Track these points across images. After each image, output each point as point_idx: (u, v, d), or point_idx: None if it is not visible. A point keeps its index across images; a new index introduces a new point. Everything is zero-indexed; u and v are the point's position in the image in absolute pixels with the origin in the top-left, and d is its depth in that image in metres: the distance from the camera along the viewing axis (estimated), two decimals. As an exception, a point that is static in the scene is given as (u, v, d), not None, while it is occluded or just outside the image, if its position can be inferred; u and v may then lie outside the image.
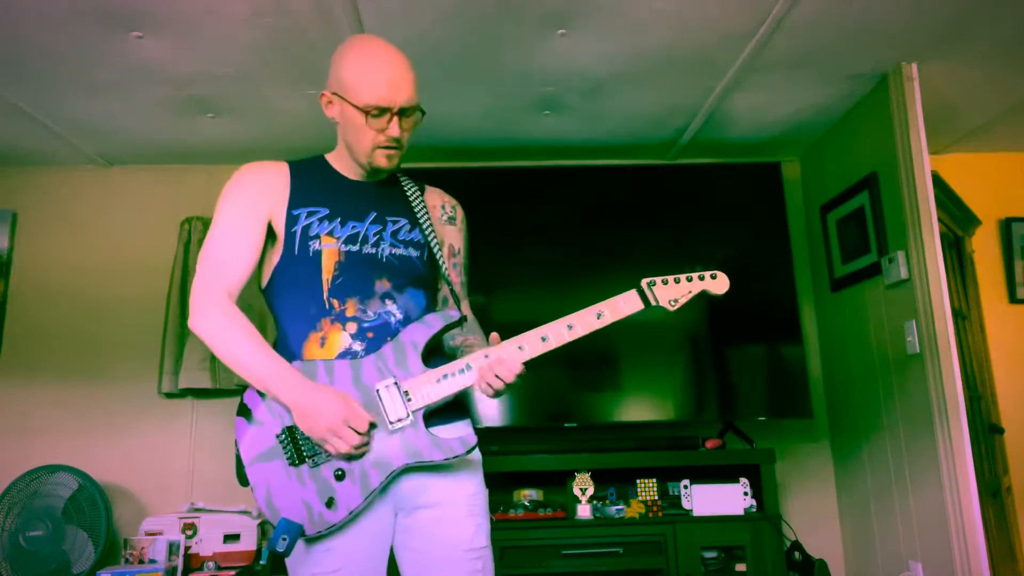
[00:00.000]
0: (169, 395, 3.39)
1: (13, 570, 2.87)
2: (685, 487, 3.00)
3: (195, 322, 1.50)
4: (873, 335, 3.08)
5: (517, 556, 2.88)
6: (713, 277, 1.63)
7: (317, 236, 1.56)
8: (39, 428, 3.37)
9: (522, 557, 2.88)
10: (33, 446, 3.31)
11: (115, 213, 3.58)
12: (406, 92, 1.54)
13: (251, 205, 1.57)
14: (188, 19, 2.39)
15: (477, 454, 1.60)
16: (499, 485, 3.08)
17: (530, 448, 3.17)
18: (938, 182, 2.99)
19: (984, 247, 3.65)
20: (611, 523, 2.94)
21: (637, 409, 3.27)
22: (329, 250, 1.56)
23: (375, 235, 1.61)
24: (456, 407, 1.63)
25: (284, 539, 1.39)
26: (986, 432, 3.25)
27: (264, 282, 1.63)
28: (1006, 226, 3.67)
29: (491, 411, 3.19)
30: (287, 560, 1.51)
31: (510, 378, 1.49)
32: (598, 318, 1.55)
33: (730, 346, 3.33)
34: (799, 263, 3.59)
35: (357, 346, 1.53)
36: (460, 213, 1.81)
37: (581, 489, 3.00)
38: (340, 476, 1.45)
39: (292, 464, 1.46)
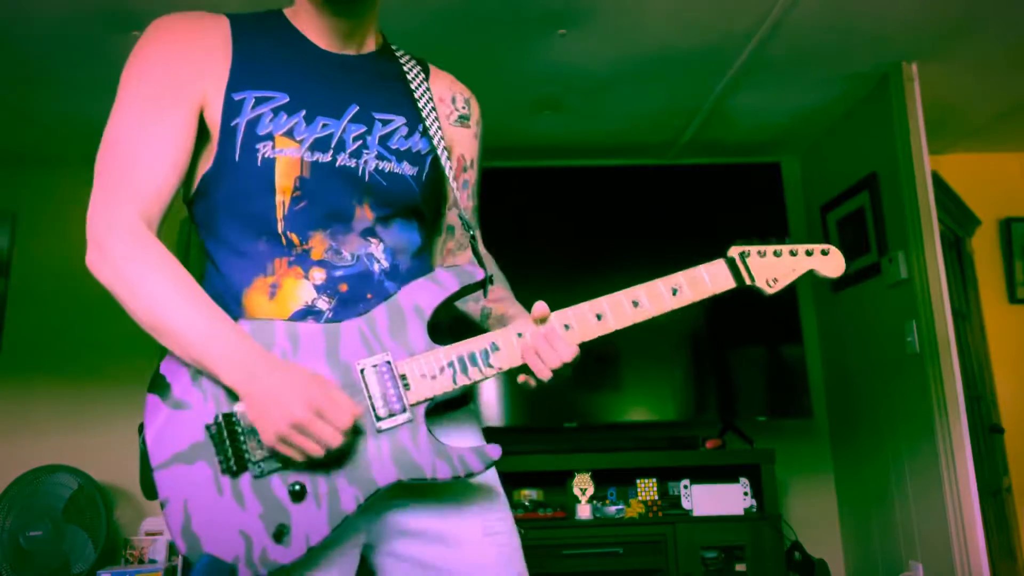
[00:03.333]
0: (169, 395, 3.39)
1: (13, 570, 2.87)
2: (685, 487, 3.00)
3: (92, 261, 1.01)
4: (873, 335, 3.08)
5: (517, 556, 2.88)
6: (824, 253, 1.22)
7: (270, 137, 1.05)
8: (39, 428, 3.37)
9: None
10: (33, 446, 3.31)
11: (115, 213, 3.58)
12: None
13: (174, 82, 1.05)
14: (188, 19, 2.39)
15: (493, 474, 1.16)
16: (499, 485, 3.08)
17: (530, 448, 3.16)
18: (938, 182, 2.99)
19: (984, 247, 3.65)
20: (611, 523, 2.94)
21: (637, 409, 3.27)
22: (287, 159, 1.05)
23: (356, 139, 1.10)
24: (463, 405, 1.19)
25: None
26: (986, 432, 3.25)
27: (189, 195, 1.12)
28: (1006, 226, 3.67)
29: (491, 411, 3.19)
30: None
31: (557, 363, 1.05)
32: (674, 294, 1.14)
33: (730, 346, 3.33)
34: (799, 263, 3.58)
35: (322, 303, 1.05)
36: (476, 109, 1.33)
37: (581, 489, 3.00)
38: (298, 494, 0.96)
39: (227, 471, 0.96)
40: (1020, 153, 3.74)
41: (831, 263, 1.23)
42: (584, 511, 2.97)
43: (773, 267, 1.20)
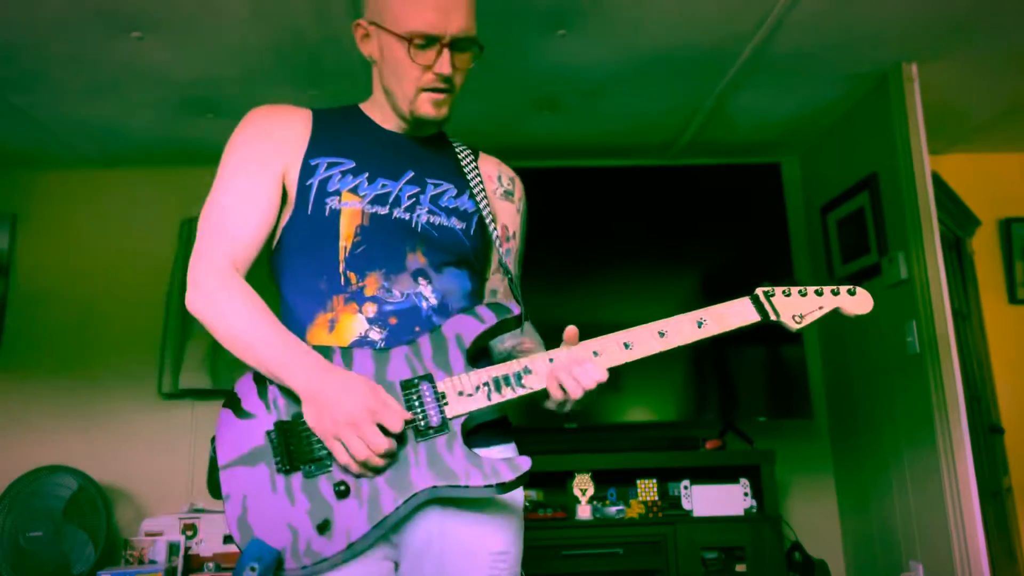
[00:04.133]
0: (169, 395, 3.39)
1: (13, 570, 2.87)
2: (685, 487, 3.00)
3: (190, 299, 1.19)
4: (873, 335, 3.08)
5: (517, 556, 2.88)
6: (851, 293, 1.29)
7: (337, 192, 1.24)
8: (39, 428, 3.37)
9: (522, 558, 2.88)
10: (33, 446, 3.31)
11: (115, 214, 3.58)
12: (460, 18, 1.24)
13: (263, 156, 1.26)
14: (188, 20, 2.39)
15: (518, 496, 1.26)
16: (499, 485, 3.08)
17: (530, 448, 3.14)
18: (938, 182, 2.99)
19: (984, 247, 3.65)
20: (611, 523, 2.94)
21: (637, 409, 3.27)
22: (350, 210, 1.23)
23: (410, 197, 1.28)
24: (500, 427, 1.32)
25: (253, 568, 1.04)
26: (986, 432, 3.25)
27: (272, 247, 1.31)
28: (1006, 226, 3.67)
29: (491, 411, 3.19)
30: None
31: (589, 384, 1.15)
32: (699, 327, 1.24)
33: (730, 347, 3.33)
34: (799, 264, 3.59)
35: (375, 334, 1.20)
36: (520, 189, 1.48)
37: (581, 489, 3.00)
38: (343, 492, 1.09)
39: (281, 470, 1.11)
40: (1020, 153, 3.74)
41: (858, 303, 1.29)
42: (584, 511, 2.97)
43: (798, 305, 1.27)
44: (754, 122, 3.32)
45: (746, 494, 2.98)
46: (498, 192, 1.43)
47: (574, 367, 1.16)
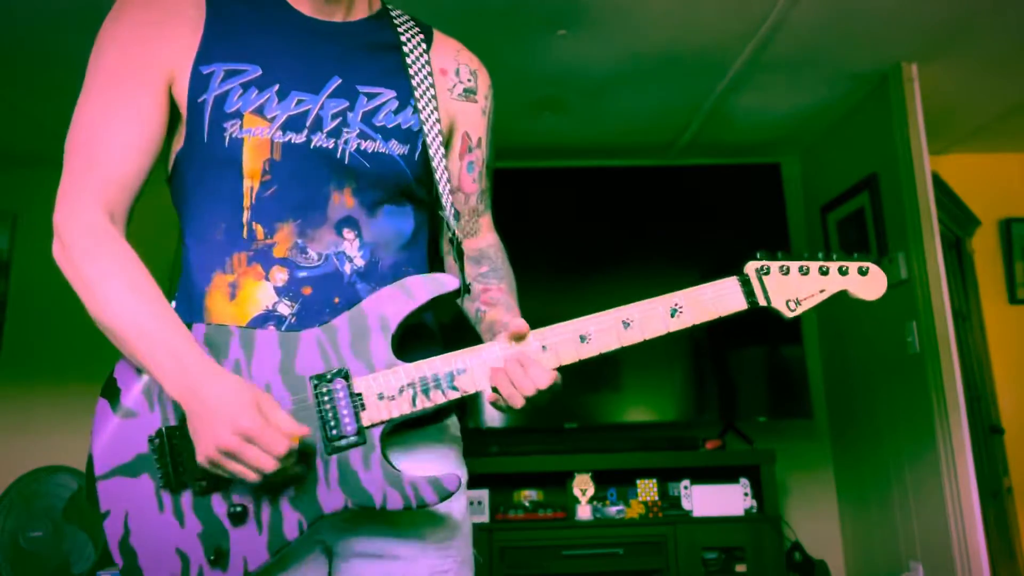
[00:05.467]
0: (169, 395, 3.39)
1: (13, 570, 2.87)
2: (685, 488, 2.99)
3: (54, 250, 0.96)
4: (873, 335, 3.08)
5: (517, 557, 2.88)
6: (863, 273, 1.03)
7: (238, 115, 0.96)
8: (39, 428, 3.36)
9: (522, 558, 2.88)
10: (33, 446, 3.30)
11: (115, 213, 3.58)
12: None
13: (138, 58, 0.97)
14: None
15: (460, 504, 1.05)
16: (499, 486, 3.08)
17: (530, 448, 3.16)
18: (938, 182, 2.99)
19: (984, 248, 3.65)
20: (611, 524, 2.93)
21: (637, 409, 3.27)
22: (256, 140, 0.97)
23: (335, 116, 1.00)
24: (440, 421, 1.08)
25: None
26: (986, 432, 3.25)
27: (167, 175, 1.06)
28: (1006, 227, 3.67)
29: (491, 410, 3.19)
30: None
31: (530, 390, 0.94)
32: (672, 315, 0.99)
33: (730, 346, 3.33)
34: (799, 263, 3.58)
35: (284, 307, 0.97)
36: (485, 83, 1.17)
37: (581, 490, 3.00)
38: (238, 516, 0.91)
39: (166, 487, 0.92)
40: (1020, 153, 3.74)
41: (869, 285, 1.03)
42: (584, 512, 2.97)
43: (797, 286, 1.03)
44: (754, 122, 3.32)
45: (746, 494, 2.98)
46: (456, 90, 1.12)
47: (513, 370, 0.95)
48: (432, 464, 1.03)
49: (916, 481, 2.81)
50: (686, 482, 3.00)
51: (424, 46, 1.11)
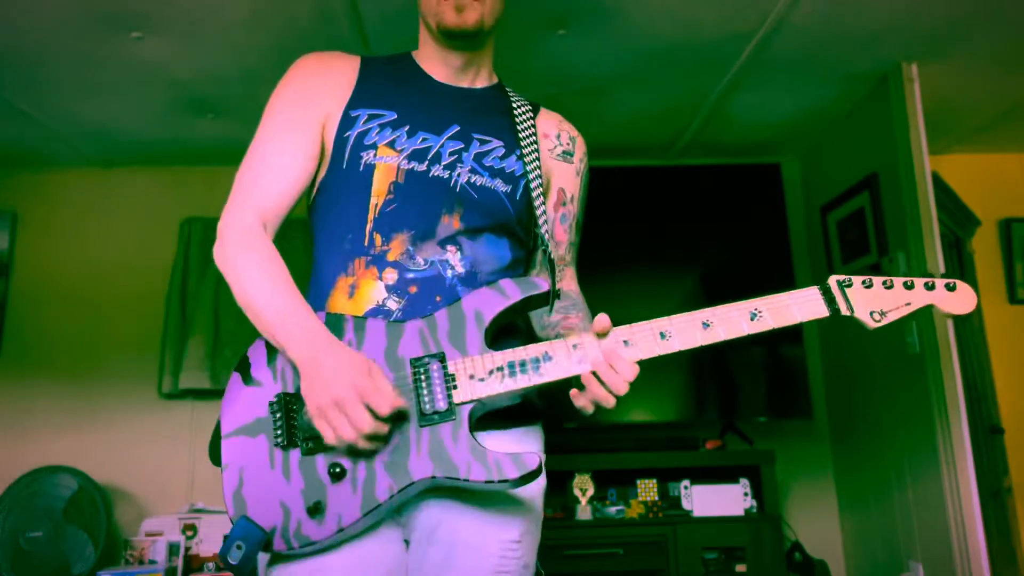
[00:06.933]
0: (169, 396, 3.39)
1: (13, 570, 2.87)
2: (685, 488, 3.00)
3: (215, 251, 1.16)
4: (873, 335, 3.06)
5: (517, 556, 2.88)
6: (950, 289, 1.07)
7: (374, 146, 1.18)
8: (39, 428, 3.36)
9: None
10: (33, 446, 3.31)
11: (115, 214, 3.58)
12: None
13: (304, 104, 1.21)
14: (188, 20, 2.39)
15: (538, 487, 1.17)
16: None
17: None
18: (938, 182, 2.98)
19: (984, 247, 3.65)
20: (611, 524, 2.93)
21: (637, 409, 3.27)
22: (385, 165, 1.18)
23: (452, 154, 1.20)
24: (525, 412, 1.22)
25: (239, 547, 1.02)
26: (986, 432, 3.25)
27: (310, 201, 1.27)
28: (1006, 227, 3.67)
29: (491, 411, 3.19)
30: None
31: (622, 388, 1.06)
32: (752, 319, 1.08)
33: (730, 346, 3.32)
34: (799, 264, 3.58)
35: (392, 303, 1.14)
36: (581, 150, 1.39)
37: (581, 490, 3.00)
38: (338, 474, 1.04)
39: (279, 445, 1.06)
40: (1020, 153, 3.74)
41: (957, 300, 1.06)
42: (584, 512, 2.97)
43: (881, 299, 1.08)
44: (754, 122, 3.32)
45: (746, 494, 2.98)
46: (555, 152, 1.33)
47: (603, 370, 1.05)
48: (516, 449, 1.16)
49: (916, 481, 2.81)
50: (686, 482, 3.00)
51: (531, 114, 1.31)
